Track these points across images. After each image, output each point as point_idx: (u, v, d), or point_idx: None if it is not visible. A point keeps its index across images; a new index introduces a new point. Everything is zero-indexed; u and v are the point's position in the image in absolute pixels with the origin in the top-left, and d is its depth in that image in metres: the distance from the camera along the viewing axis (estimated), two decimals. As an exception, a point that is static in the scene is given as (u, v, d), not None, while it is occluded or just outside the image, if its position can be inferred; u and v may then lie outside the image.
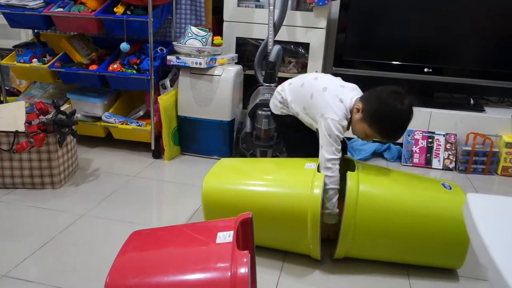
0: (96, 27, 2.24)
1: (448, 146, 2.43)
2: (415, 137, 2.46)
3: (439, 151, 2.44)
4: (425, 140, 2.46)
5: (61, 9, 2.24)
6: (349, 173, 1.43)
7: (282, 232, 1.44)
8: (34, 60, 2.37)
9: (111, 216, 1.72)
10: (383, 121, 1.45)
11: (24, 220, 1.66)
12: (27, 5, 2.25)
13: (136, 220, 1.69)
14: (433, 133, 2.46)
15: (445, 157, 2.43)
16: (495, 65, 2.49)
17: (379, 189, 1.43)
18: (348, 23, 2.56)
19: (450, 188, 1.45)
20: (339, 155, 1.49)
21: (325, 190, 1.44)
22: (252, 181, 1.53)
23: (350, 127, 1.57)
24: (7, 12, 2.28)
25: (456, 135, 2.43)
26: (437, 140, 2.45)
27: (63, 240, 1.53)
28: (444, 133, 2.45)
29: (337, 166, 1.48)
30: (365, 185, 1.41)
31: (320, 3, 2.40)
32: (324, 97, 1.55)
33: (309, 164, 1.52)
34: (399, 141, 2.49)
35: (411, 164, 2.45)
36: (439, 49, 2.54)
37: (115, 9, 2.19)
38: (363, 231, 1.39)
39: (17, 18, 2.32)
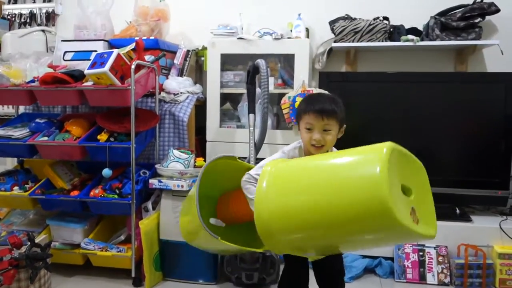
0: (79, 154, 2.27)
1: (440, 259, 2.35)
2: (406, 250, 2.39)
3: (432, 265, 2.35)
4: (416, 254, 2.38)
5: (46, 138, 2.28)
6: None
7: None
8: (15, 187, 2.36)
9: None
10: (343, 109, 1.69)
11: None
12: (13, 135, 2.30)
13: None
14: (423, 245, 2.39)
15: (439, 271, 2.33)
16: (478, 174, 2.53)
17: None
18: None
19: None
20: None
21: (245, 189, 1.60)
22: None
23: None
24: (-8, 143, 2.32)
25: (447, 247, 2.36)
26: (428, 253, 2.37)
27: None
28: (435, 246, 2.38)
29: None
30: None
31: (299, 122, 2.48)
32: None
33: None
34: (390, 255, 2.42)
35: (404, 280, 2.34)
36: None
37: (98, 137, 2.24)
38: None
39: (2, 148, 2.35)
